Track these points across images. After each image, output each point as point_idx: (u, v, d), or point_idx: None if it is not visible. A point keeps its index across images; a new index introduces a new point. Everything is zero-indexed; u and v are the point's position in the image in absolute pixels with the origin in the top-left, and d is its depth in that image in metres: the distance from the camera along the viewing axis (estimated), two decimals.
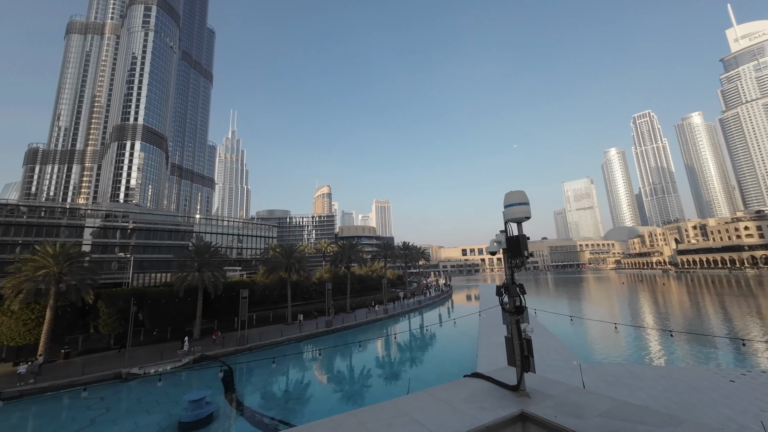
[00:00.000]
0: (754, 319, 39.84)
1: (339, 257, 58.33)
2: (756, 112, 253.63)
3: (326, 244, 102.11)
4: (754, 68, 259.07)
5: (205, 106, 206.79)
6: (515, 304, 4.55)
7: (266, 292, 49.11)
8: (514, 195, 4.65)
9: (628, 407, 3.79)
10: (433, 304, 67.27)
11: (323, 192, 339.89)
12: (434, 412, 3.98)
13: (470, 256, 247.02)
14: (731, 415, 14.30)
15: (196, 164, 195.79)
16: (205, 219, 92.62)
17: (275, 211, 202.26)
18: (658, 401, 16.06)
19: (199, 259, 38.55)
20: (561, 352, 25.68)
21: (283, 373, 27.39)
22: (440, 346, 35.13)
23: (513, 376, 4.58)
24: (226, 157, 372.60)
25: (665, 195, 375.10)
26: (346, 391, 23.61)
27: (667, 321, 41.40)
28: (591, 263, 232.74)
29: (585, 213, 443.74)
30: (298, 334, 37.62)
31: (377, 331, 42.44)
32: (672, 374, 20.48)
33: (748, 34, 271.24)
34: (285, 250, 48.70)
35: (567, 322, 38.02)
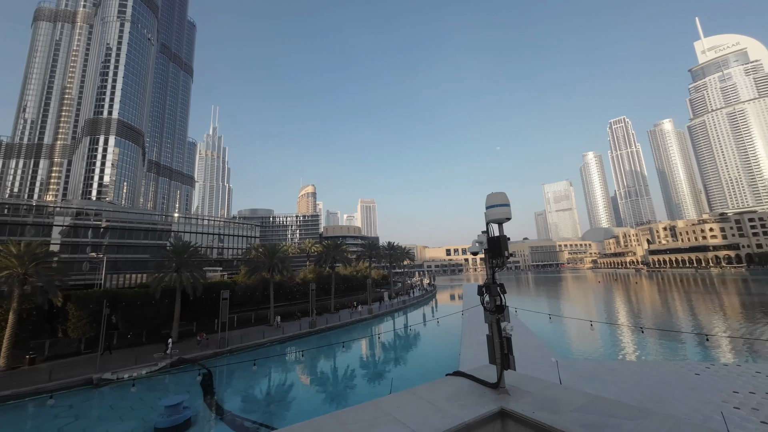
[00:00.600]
0: (717, 316, 42.28)
1: (323, 257, 57.85)
2: (720, 120, 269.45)
3: (310, 243, 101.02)
4: (719, 79, 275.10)
5: (185, 101, 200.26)
6: (496, 303, 4.64)
7: (248, 293, 48.08)
8: (496, 196, 4.74)
9: (601, 401, 3.94)
10: (417, 303, 67.75)
11: (308, 191, 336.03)
12: (416, 411, 4.01)
13: (454, 256, 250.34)
14: (696, 406, 15.12)
15: (174, 161, 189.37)
16: (184, 218, 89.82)
17: (258, 210, 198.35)
18: (630, 395, 16.78)
19: (177, 259, 37.28)
20: (540, 350, 26.41)
21: (264, 375, 26.90)
22: (424, 345, 35.42)
23: (494, 374, 4.67)
24: (207, 155, 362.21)
25: (639, 197, 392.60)
26: (329, 392, 23.44)
27: (639, 318, 43.33)
28: (569, 263, 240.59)
29: (564, 214, 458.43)
30: (281, 336, 37.03)
31: (361, 332, 42.34)
32: (643, 369, 21.46)
33: (714, 47, 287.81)
34: (268, 250, 47.83)
35: (546, 320, 39.17)
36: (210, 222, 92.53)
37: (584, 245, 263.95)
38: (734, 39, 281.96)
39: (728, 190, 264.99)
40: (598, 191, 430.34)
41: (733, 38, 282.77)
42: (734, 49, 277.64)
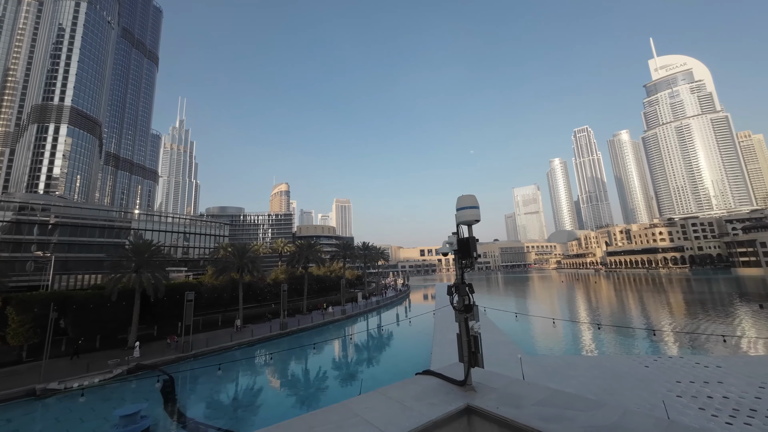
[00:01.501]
0: (664, 312, 46.09)
1: (296, 257, 56.69)
2: (669, 133, 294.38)
3: (283, 243, 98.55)
4: (669, 95, 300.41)
5: (149, 90, 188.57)
6: (464, 302, 4.76)
7: (215, 294, 46.08)
8: (466, 199, 4.87)
9: (560, 395, 4.15)
10: (391, 303, 68.12)
11: (281, 189, 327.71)
12: (385, 411, 4.02)
13: (428, 257, 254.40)
14: (644, 396, 16.37)
15: (136, 154, 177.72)
16: (146, 215, 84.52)
17: (227, 208, 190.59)
18: (588, 387, 17.86)
19: (137, 258, 34.97)
20: (508, 347, 27.45)
21: (231, 380, 25.87)
22: (396, 345, 35.66)
23: (463, 372, 4.78)
24: (173, 148, 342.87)
25: (599, 202, 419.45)
26: (300, 395, 22.97)
27: (597, 315, 46.27)
28: (536, 263, 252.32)
29: (532, 217, 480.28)
30: (250, 339, 35.80)
31: (334, 332, 41.90)
32: (600, 363, 22.91)
33: (666, 66, 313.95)
34: (237, 250, 46.10)
35: (514, 319, 40.81)
36: (175, 219, 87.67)
37: (550, 247, 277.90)
38: (682, 59, 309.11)
39: (675, 197, 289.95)
40: (563, 195, 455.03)
41: (681, 59, 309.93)
42: (682, 68, 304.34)
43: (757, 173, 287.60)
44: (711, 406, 14.97)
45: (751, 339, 30.14)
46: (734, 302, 51.58)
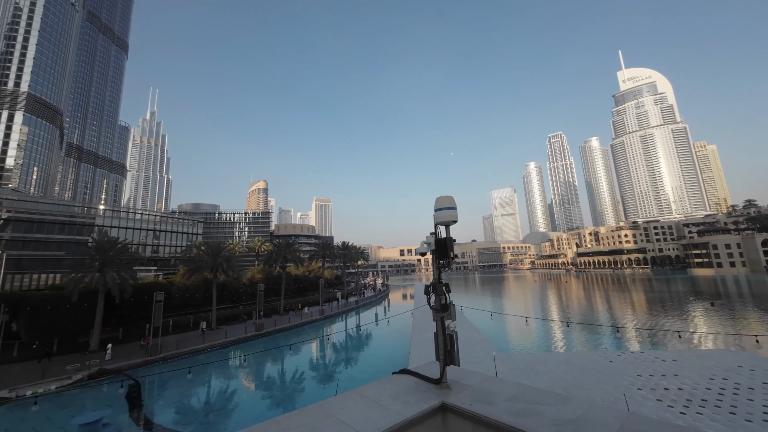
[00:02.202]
0: (627, 310, 48.88)
1: (274, 256, 55.48)
2: (635, 141, 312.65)
3: (260, 242, 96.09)
4: (635, 106, 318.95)
5: (117, 79, 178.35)
6: (441, 302, 4.83)
7: (187, 295, 44.31)
8: (443, 200, 4.95)
9: (531, 391, 4.30)
10: (370, 303, 68.11)
11: (259, 187, 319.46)
12: (361, 411, 4.01)
13: (408, 257, 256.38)
14: (609, 390, 17.28)
15: (102, 146, 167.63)
16: (112, 210, 79.86)
17: (202, 205, 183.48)
18: (557, 383, 18.63)
19: (101, 256, 32.95)
20: (483, 345, 28.14)
21: (203, 383, 24.95)
22: (375, 344, 35.70)
23: (439, 370, 4.85)
24: (143, 141, 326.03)
25: (570, 205, 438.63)
26: (275, 397, 22.50)
27: (567, 313, 48.37)
28: (511, 263, 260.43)
29: (508, 218, 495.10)
30: (224, 340, 34.66)
31: (312, 333, 41.37)
32: (569, 359, 23.96)
33: (632, 78, 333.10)
34: (211, 249, 44.51)
35: (489, 317, 41.91)
36: (144, 216, 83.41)
37: (524, 247, 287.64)
38: (647, 72, 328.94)
39: (639, 201, 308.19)
40: (538, 198, 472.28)
41: (647, 72, 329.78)
42: (647, 81, 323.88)
43: (711, 181, 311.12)
44: (667, 398, 16.02)
45: (703, 334, 32.56)
46: (689, 300, 55.50)
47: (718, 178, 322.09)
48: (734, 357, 22.14)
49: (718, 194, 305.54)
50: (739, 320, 38.12)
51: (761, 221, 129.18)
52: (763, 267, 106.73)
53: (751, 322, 36.86)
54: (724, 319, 38.81)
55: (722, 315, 41.37)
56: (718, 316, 41.04)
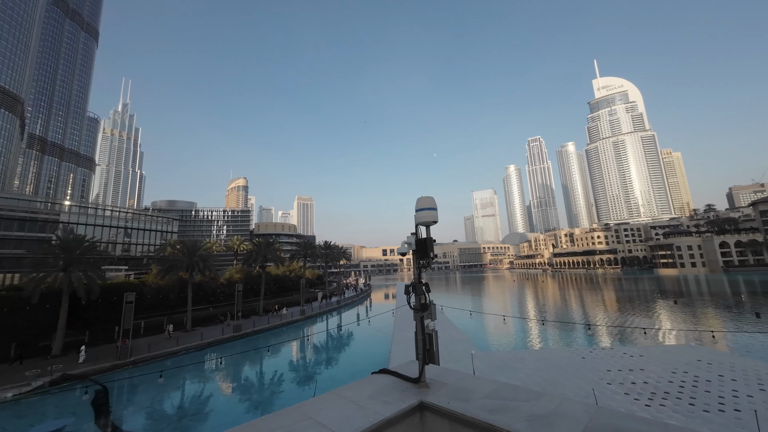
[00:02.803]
0: (598, 308, 51.12)
1: (253, 256, 54.22)
2: (608, 147, 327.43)
3: (239, 241, 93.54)
4: (608, 113, 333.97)
5: (86, 67, 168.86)
6: (420, 302, 4.87)
7: (160, 296, 42.58)
8: (424, 200, 5.00)
9: (506, 388, 4.42)
10: (352, 303, 67.83)
11: (238, 184, 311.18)
12: (339, 411, 3.99)
13: (390, 256, 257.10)
14: (580, 385, 18.01)
15: (68, 138, 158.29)
16: (79, 207, 75.65)
17: (177, 202, 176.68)
18: (532, 379, 19.23)
19: (66, 255, 31.08)
20: (463, 343, 28.64)
21: (176, 387, 24.05)
22: (356, 345, 35.58)
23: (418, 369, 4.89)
24: (114, 134, 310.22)
25: (547, 207, 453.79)
26: (253, 400, 21.99)
27: (543, 311, 50.02)
28: (491, 263, 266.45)
29: (488, 219, 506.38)
30: (199, 342, 33.54)
31: (292, 334, 40.73)
32: (544, 356, 24.79)
33: (606, 86, 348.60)
34: (187, 247, 42.93)
35: (468, 316, 42.70)
36: (114, 213, 79.40)
37: (504, 248, 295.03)
38: (620, 82, 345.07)
39: (611, 204, 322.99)
40: (517, 200, 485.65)
41: (619, 81, 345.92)
42: (619, 90, 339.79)
43: (676, 186, 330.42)
44: (634, 391, 16.88)
45: (666, 330, 34.53)
46: (655, 299, 58.69)
47: (682, 183, 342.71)
48: (694, 352, 23.62)
49: (682, 199, 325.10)
50: (699, 317, 40.69)
51: (719, 225, 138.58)
52: (720, 267, 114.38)
53: (709, 319, 39.44)
54: (686, 316, 41.31)
55: (684, 312, 44.03)
56: (681, 313, 43.64)
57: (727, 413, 14.03)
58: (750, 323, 35.66)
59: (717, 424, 13.21)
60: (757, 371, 18.93)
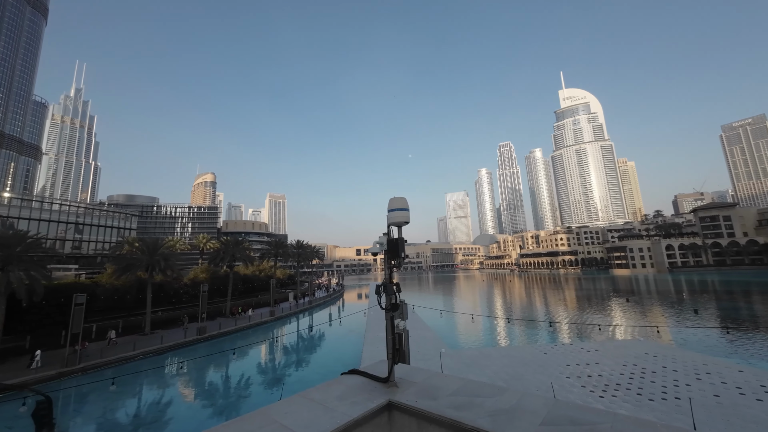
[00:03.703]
0: (560, 306, 54.13)
1: (221, 255, 51.93)
2: (571, 155, 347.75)
3: (205, 239, 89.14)
4: (572, 123, 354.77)
5: (32, 46, 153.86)
6: (391, 301, 4.90)
7: (116, 297, 39.69)
8: (396, 201, 5.03)
9: (472, 384, 4.54)
10: (324, 303, 66.96)
11: (205, 179, 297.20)
12: (306, 414, 3.91)
13: (364, 256, 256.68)
14: (543, 379, 18.96)
15: (9, 123, 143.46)
16: (21, 199, 68.73)
17: (137, 197, 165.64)
18: (499, 375, 19.98)
19: (3, 252, 28.09)
20: (433, 342, 29.18)
21: (132, 394, 22.51)
22: (327, 345, 35.16)
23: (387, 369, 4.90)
24: (65, 121, 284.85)
25: (516, 210, 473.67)
26: (218, 405, 21.07)
27: (510, 310, 52.16)
28: (462, 264, 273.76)
29: (460, 221, 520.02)
30: (159, 346, 31.61)
31: (261, 335, 39.50)
32: (510, 353, 25.82)
33: (571, 97, 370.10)
34: (147, 245, 40.32)
35: (439, 315, 43.58)
36: (64, 207, 72.90)
37: (474, 248, 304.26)
38: (583, 93, 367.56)
39: (573, 208, 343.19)
40: (488, 202, 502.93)
41: (582, 93, 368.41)
42: (582, 101, 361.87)
43: (630, 193, 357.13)
44: (590, 384, 18.03)
45: (619, 326, 37.23)
46: (610, 297, 63.08)
47: (635, 190, 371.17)
48: (642, 346, 25.64)
49: (635, 204, 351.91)
50: (647, 314, 44.26)
51: (665, 229, 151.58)
52: (665, 268, 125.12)
53: (655, 315, 43.02)
54: (636, 313, 44.78)
55: (635, 309, 47.69)
56: (632, 310, 47.24)
57: (669, 401, 15.36)
58: (690, 318, 39.33)
59: (660, 411, 14.43)
60: (694, 362, 20.90)
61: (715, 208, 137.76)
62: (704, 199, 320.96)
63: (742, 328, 34.01)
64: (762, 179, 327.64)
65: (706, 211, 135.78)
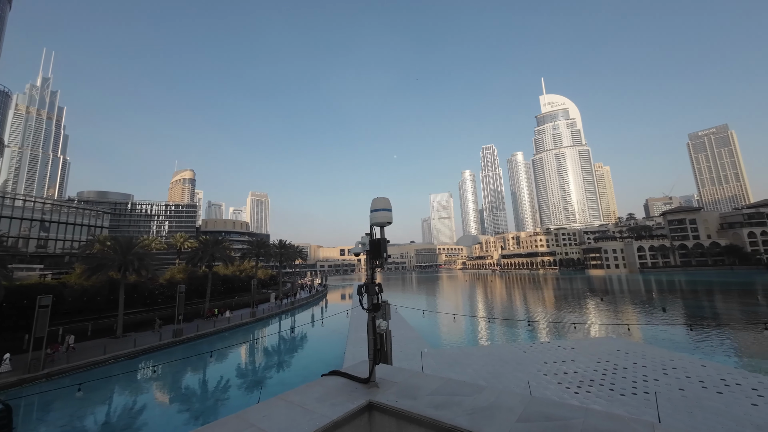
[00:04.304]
0: (539, 305, 55.71)
1: (199, 254, 50.35)
2: (551, 158, 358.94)
3: (183, 238, 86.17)
4: (551, 128, 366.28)
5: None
6: (373, 302, 4.89)
7: (84, 298, 37.80)
8: (379, 201, 5.03)
9: (451, 383, 4.60)
10: (307, 304, 66.15)
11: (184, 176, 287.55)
12: (284, 417, 3.85)
13: (348, 256, 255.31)
14: (521, 377, 19.44)
15: None
16: None
17: (110, 194, 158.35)
18: (479, 374, 20.33)
19: None
20: (416, 342, 29.37)
21: (102, 401, 21.46)
22: (309, 346, 34.74)
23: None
24: (30, 112, 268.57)
25: (498, 212, 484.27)
26: (194, 409, 20.39)
27: (491, 309, 53.21)
28: (446, 264, 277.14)
29: (444, 221, 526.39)
30: (132, 350, 30.29)
31: (241, 337, 38.58)
32: (491, 351, 26.33)
33: (551, 102, 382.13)
34: (121, 244, 38.57)
35: (421, 315, 43.94)
36: (28, 203, 68.71)
37: (457, 249, 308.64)
38: (562, 99, 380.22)
39: (552, 210, 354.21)
40: (471, 204, 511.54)
41: (561, 99, 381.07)
42: (561, 107, 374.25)
43: (605, 196, 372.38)
44: (566, 380, 18.64)
45: (594, 325, 38.71)
46: (585, 296, 65.47)
47: (610, 194, 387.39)
48: (614, 343, 26.74)
49: (610, 207, 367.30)
50: (619, 312, 46.23)
51: (637, 231, 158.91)
52: (637, 268, 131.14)
53: (627, 313, 45.00)
54: (609, 312, 46.67)
55: (608, 308, 49.71)
56: (605, 309, 49.21)
57: (638, 396, 16.10)
58: (658, 317, 41.37)
59: (631, 405, 15.09)
60: (662, 358, 22.00)
61: (682, 211, 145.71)
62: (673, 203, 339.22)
63: (704, 325, 36.10)
64: (724, 185, 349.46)
65: (674, 215, 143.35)
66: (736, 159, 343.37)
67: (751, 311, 43.44)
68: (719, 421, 13.37)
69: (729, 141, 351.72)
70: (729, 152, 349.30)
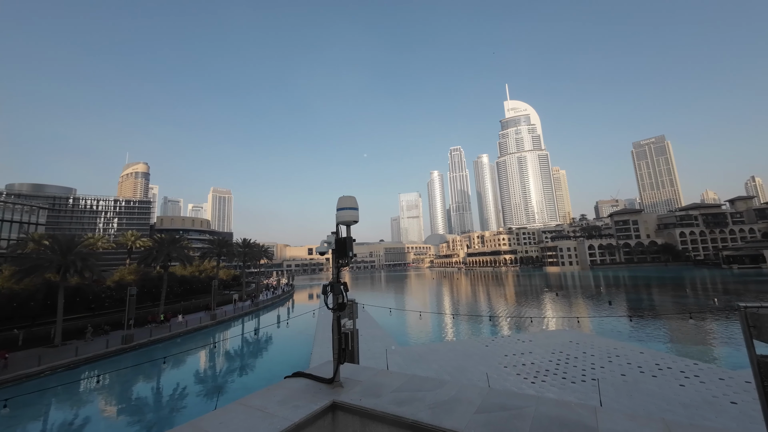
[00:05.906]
0: (500, 300, 58.47)
1: (153, 254, 46.89)
2: (514, 161, 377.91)
3: (134, 236, 79.64)
4: (514, 132, 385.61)
5: None
6: (338, 301, 4.85)
7: (15, 304, 33.75)
8: (346, 200, 4.99)
9: (415, 379, 4.68)
10: (272, 305, 64.14)
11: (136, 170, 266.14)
12: (243, 423, 3.69)
13: (315, 256, 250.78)
14: (483, 370, 20.30)
15: None
16: None
17: (47, 187, 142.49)
18: (445, 369, 20.93)
19: None
20: (383, 340, 29.59)
21: (34, 417, 19.33)
22: (274, 348, 33.75)
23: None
24: None
25: (464, 211, 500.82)
26: (146, 420, 19.00)
27: (456, 306, 54.96)
28: (414, 263, 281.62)
29: (413, 221, 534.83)
30: (73, 359, 27.56)
31: (201, 341, 36.53)
32: (456, 347, 27.21)
33: (514, 108, 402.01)
34: (59, 243, 34.86)
35: (388, 313, 44.35)
36: None
37: (425, 248, 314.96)
38: (524, 106, 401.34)
39: (514, 211, 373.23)
40: (439, 203, 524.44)
41: (524, 105, 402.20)
42: (523, 113, 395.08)
43: (561, 198, 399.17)
44: (524, 371, 19.75)
45: (549, 318, 41.36)
46: (542, 292, 69.77)
47: (565, 196, 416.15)
48: (567, 335, 28.78)
49: (565, 208, 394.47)
50: (572, 306, 49.82)
51: (588, 231, 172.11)
52: (588, 265, 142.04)
53: (579, 307, 48.63)
54: (563, 306, 50.13)
55: (563, 302, 53.35)
56: (560, 303, 52.78)
57: (587, 383, 17.47)
58: (605, 309, 45.13)
59: (580, 392, 16.33)
60: (608, 347, 24.04)
61: (626, 213, 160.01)
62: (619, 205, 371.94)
63: (643, 316, 39.97)
64: (661, 190, 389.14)
65: (619, 216, 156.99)
66: (671, 166, 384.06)
67: (680, 303, 48.85)
68: (653, 402, 14.88)
69: (665, 150, 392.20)
70: (665, 160, 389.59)
